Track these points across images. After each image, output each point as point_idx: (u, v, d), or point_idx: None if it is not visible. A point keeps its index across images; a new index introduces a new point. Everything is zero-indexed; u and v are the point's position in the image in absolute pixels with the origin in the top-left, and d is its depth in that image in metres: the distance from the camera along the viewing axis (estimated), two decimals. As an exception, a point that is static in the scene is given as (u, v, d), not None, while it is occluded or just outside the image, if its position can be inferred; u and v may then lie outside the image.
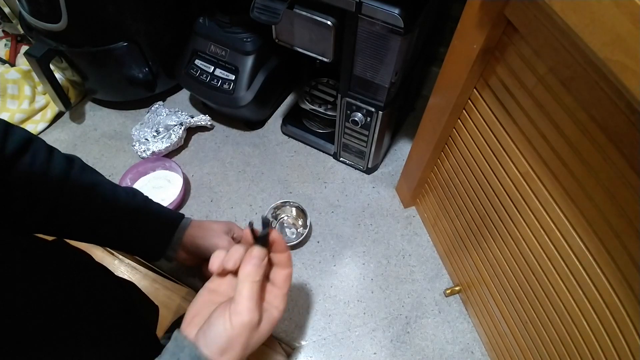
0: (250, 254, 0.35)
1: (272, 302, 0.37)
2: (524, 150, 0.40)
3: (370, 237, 0.67)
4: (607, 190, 0.31)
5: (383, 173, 0.75)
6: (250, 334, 0.34)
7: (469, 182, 0.51)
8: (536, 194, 0.39)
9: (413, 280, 0.63)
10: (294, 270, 0.63)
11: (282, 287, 0.38)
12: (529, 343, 0.47)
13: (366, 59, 0.53)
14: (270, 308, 0.37)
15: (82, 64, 0.72)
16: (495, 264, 0.49)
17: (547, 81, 0.34)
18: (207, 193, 0.72)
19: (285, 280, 0.39)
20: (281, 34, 0.57)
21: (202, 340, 0.34)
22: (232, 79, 0.69)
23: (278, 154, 0.77)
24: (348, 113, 0.63)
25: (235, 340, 0.33)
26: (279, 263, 0.38)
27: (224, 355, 0.33)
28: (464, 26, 0.40)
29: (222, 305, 0.35)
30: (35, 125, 0.78)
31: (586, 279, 0.35)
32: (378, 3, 0.45)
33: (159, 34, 0.73)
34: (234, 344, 0.33)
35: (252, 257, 0.35)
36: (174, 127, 0.74)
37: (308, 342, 0.58)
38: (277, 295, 0.38)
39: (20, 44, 0.88)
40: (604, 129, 0.30)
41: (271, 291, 0.38)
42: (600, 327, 0.35)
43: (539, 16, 0.32)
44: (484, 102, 0.44)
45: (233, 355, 0.34)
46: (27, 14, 0.65)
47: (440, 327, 0.59)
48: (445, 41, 0.45)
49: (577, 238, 0.35)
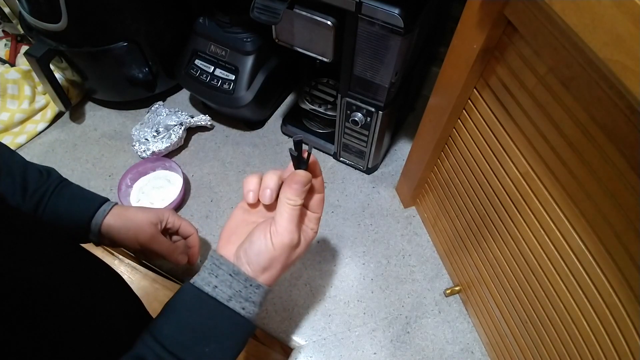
0: (294, 178, 0.36)
1: (307, 224, 0.39)
2: (524, 150, 0.40)
3: (370, 237, 0.67)
4: (607, 190, 0.31)
5: (383, 173, 0.75)
6: (290, 254, 0.36)
7: (469, 182, 0.51)
8: (536, 194, 0.39)
9: (413, 280, 0.63)
10: (294, 269, 0.63)
11: (317, 211, 0.39)
12: (529, 343, 0.47)
13: (366, 59, 0.53)
14: (306, 229, 0.38)
15: (82, 64, 0.72)
16: (495, 264, 0.49)
17: (547, 81, 0.34)
18: (207, 193, 0.72)
19: (319, 204, 0.40)
20: (281, 34, 0.57)
21: (243, 258, 0.35)
22: (232, 79, 0.69)
23: (278, 154, 0.77)
24: (348, 113, 0.63)
25: (276, 259, 0.35)
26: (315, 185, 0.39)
27: (265, 272, 0.35)
28: (464, 26, 0.40)
29: (262, 225, 0.36)
30: (35, 125, 0.78)
31: (586, 279, 0.35)
32: (378, 3, 0.45)
33: (159, 34, 0.73)
34: (274, 262, 0.35)
35: (295, 181, 0.35)
36: (174, 127, 0.74)
37: (308, 342, 0.58)
38: (312, 218, 0.39)
39: (20, 44, 0.88)
40: (604, 129, 0.30)
41: (308, 215, 0.39)
42: (600, 327, 0.35)
43: (539, 16, 0.32)
44: (484, 102, 0.44)
45: (273, 272, 0.36)
46: (27, 14, 0.65)
47: (440, 327, 0.59)
48: (445, 41, 0.45)
49: (577, 238, 0.35)
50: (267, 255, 0.34)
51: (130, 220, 0.50)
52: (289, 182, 0.36)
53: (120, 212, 0.51)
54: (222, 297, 0.34)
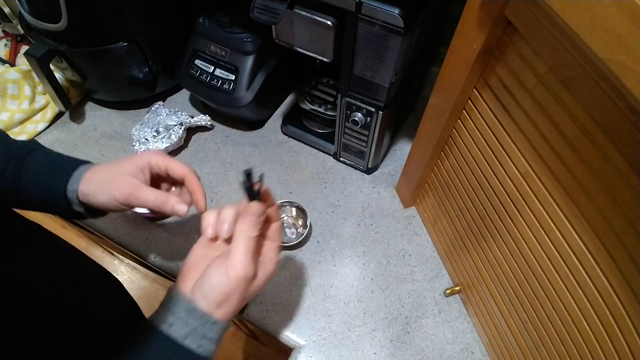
0: (248, 210, 0.36)
1: (266, 254, 0.38)
2: (524, 150, 0.40)
3: (370, 237, 0.67)
4: (607, 190, 0.31)
5: (383, 173, 0.75)
6: (246, 287, 0.35)
7: (469, 182, 0.51)
8: (536, 194, 0.39)
9: (413, 280, 0.63)
10: (294, 269, 0.63)
11: (275, 239, 0.39)
12: (529, 343, 0.47)
13: (366, 59, 0.53)
14: (265, 260, 0.38)
15: (82, 64, 0.72)
16: (495, 264, 0.49)
17: (547, 81, 0.34)
18: (207, 193, 0.71)
19: (277, 232, 0.39)
20: (281, 34, 0.57)
21: (198, 293, 0.34)
22: (232, 79, 0.69)
23: (278, 154, 0.77)
24: (348, 113, 0.63)
25: (232, 294, 0.34)
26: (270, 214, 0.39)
27: (220, 307, 0.34)
28: (464, 26, 0.40)
29: (218, 259, 0.35)
30: (35, 125, 0.78)
31: (586, 279, 0.35)
32: (378, 3, 0.45)
33: (159, 34, 0.73)
34: (230, 296, 0.34)
35: (249, 213, 0.36)
36: (174, 127, 0.74)
37: (308, 342, 0.58)
38: (271, 248, 0.39)
39: (20, 44, 0.88)
40: (604, 129, 0.30)
41: (266, 245, 0.39)
42: (600, 327, 0.35)
43: (539, 16, 0.32)
44: (484, 102, 0.44)
45: (229, 307, 0.35)
46: (27, 14, 0.65)
47: (440, 327, 0.59)
48: (445, 41, 0.45)
49: (577, 238, 0.35)
50: (222, 289, 0.34)
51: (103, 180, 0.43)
52: (244, 215, 0.36)
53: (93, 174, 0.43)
54: (178, 335, 0.33)
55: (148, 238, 0.66)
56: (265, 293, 0.61)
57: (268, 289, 0.62)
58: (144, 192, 0.42)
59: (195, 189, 0.45)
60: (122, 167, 0.43)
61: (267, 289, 0.62)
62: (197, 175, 0.46)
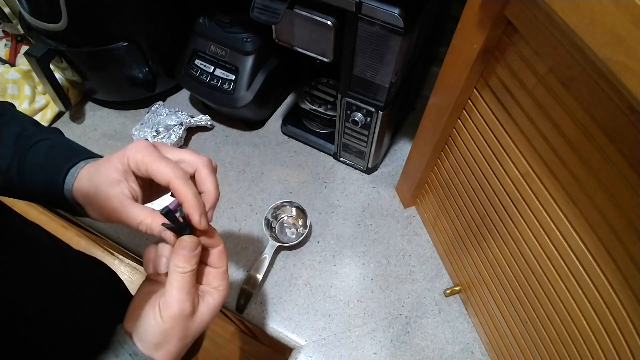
0: (180, 245, 0.33)
1: (211, 283, 0.36)
2: (524, 150, 0.40)
3: (370, 237, 0.67)
4: (607, 190, 0.31)
5: (383, 173, 0.75)
6: (184, 325, 0.33)
7: (469, 182, 0.51)
8: (536, 194, 0.39)
9: (413, 280, 0.63)
10: (294, 269, 0.63)
11: (219, 265, 0.36)
12: (529, 343, 0.47)
13: (366, 59, 0.53)
14: (209, 290, 0.35)
15: (82, 64, 0.72)
16: (495, 264, 0.49)
17: (547, 81, 0.34)
18: (207, 193, 0.72)
19: (220, 257, 0.36)
20: (281, 34, 0.57)
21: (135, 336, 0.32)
22: (232, 79, 0.69)
23: (278, 154, 0.77)
24: (348, 113, 0.63)
25: (168, 334, 0.32)
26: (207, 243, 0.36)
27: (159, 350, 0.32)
28: (464, 26, 0.40)
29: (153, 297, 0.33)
30: (35, 125, 0.78)
31: (586, 279, 0.35)
32: (378, 3, 0.45)
33: (159, 34, 0.73)
34: (167, 337, 0.32)
35: (181, 247, 0.33)
36: (174, 127, 0.74)
37: (308, 342, 0.58)
38: (216, 274, 0.36)
39: (20, 44, 0.88)
40: (604, 129, 0.30)
41: (209, 272, 0.36)
42: (600, 327, 0.35)
43: (539, 16, 0.32)
44: (484, 102, 0.44)
45: (170, 348, 0.33)
46: (27, 14, 0.65)
47: (440, 327, 0.59)
48: (445, 41, 0.45)
49: (577, 238, 0.35)
50: (156, 330, 0.32)
51: (87, 194, 0.37)
52: (176, 249, 0.33)
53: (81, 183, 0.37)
54: None
55: (148, 238, 0.66)
56: (265, 293, 0.61)
57: (268, 289, 0.62)
58: (126, 213, 0.35)
59: (184, 198, 0.33)
60: (105, 174, 0.36)
61: (267, 289, 0.62)
62: (211, 168, 0.39)
